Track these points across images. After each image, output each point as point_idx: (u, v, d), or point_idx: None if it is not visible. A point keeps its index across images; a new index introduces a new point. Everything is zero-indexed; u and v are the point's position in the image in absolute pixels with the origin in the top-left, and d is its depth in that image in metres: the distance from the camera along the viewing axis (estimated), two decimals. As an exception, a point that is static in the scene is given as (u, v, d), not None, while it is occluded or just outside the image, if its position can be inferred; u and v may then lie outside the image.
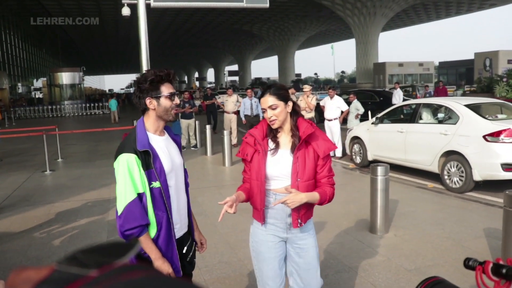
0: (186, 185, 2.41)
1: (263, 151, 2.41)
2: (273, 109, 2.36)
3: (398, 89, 17.02)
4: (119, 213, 2.06)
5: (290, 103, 2.39)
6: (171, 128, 2.42)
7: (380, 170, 4.95)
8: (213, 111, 15.93)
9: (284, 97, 2.37)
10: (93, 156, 11.73)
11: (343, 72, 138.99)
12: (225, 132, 9.84)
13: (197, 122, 12.92)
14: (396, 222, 5.44)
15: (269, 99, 2.37)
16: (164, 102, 2.18)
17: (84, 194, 7.36)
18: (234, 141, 12.14)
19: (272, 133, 2.44)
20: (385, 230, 5.00)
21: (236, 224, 5.57)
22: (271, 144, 2.43)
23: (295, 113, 2.43)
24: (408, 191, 6.99)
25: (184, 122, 12.33)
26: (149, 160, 2.10)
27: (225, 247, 4.84)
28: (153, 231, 2.14)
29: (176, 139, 2.38)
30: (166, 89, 2.18)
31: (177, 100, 2.23)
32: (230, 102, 12.36)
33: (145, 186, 2.09)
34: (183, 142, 12.40)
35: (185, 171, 2.45)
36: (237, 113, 12.31)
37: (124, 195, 2.07)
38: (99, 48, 67.08)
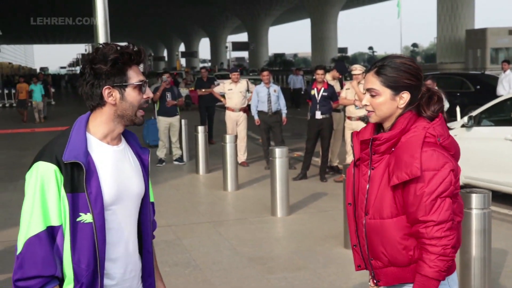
0: (149, 226, 2.44)
1: (356, 158, 2.63)
2: (372, 96, 2.49)
3: (509, 72, 16.96)
4: (17, 252, 2.10)
5: (407, 95, 2.45)
6: (136, 136, 2.49)
7: (475, 200, 4.96)
8: (210, 106, 16.08)
9: (396, 83, 2.44)
10: (14, 172, 11.91)
11: (415, 45, 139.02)
12: (228, 138, 9.94)
13: (183, 121, 13.08)
14: None
15: (371, 79, 2.50)
16: (132, 94, 2.24)
17: None
18: (243, 157, 12.05)
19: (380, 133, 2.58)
20: (483, 295, 5.00)
21: (244, 280, 5.63)
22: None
23: (418, 109, 2.48)
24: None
25: (163, 122, 12.49)
26: (79, 178, 2.12)
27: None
28: None
29: (141, 153, 2.43)
30: (135, 75, 2.25)
31: (149, 93, 2.31)
32: (235, 92, 12.26)
33: (63, 217, 2.11)
34: (162, 153, 12.53)
35: (152, 205, 2.51)
36: (246, 109, 12.35)
37: (27, 226, 2.09)
38: (25, 2, 68.03)
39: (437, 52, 49.72)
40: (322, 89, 10.34)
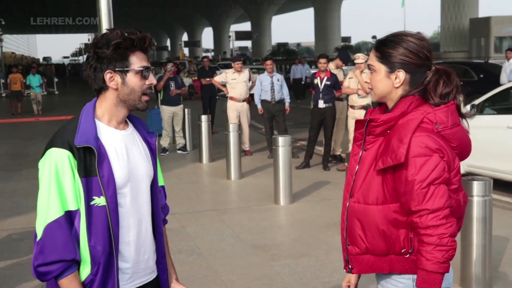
0: (159, 209, 2.49)
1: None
2: (371, 72, 2.44)
3: None
4: (37, 238, 2.15)
5: (402, 74, 2.32)
6: (143, 121, 2.52)
7: (477, 187, 4.98)
8: (213, 95, 16.10)
9: (391, 60, 2.33)
10: (19, 162, 12.03)
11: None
12: (231, 127, 9.98)
13: (186, 111, 13.12)
14: (504, 275, 5.47)
15: (371, 55, 2.43)
16: (133, 79, 2.27)
17: (4, 222, 7.58)
18: (246, 145, 12.11)
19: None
20: (485, 286, 5.04)
21: (248, 267, 5.69)
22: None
23: (425, 95, 2.32)
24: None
25: (166, 111, 12.53)
26: (91, 163, 2.16)
27: (231, 302, 4.96)
28: (85, 271, 2.20)
29: (148, 137, 2.47)
30: (137, 61, 2.27)
31: (152, 79, 2.33)
32: (239, 82, 12.13)
33: (79, 201, 2.16)
34: (166, 142, 12.59)
35: (162, 188, 2.58)
36: (249, 100, 12.31)
37: (45, 212, 2.14)
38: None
39: (441, 41, 49.53)
40: (325, 78, 10.36)
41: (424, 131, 2.23)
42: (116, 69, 2.25)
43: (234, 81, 12.09)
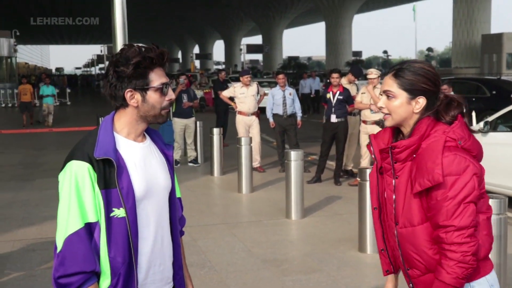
0: (176, 221, 2.51)
1: (379, 166, 2.62)
2: (388, 98, 2.50)
3: None
4: (58, 250, 2.17)
5: (423, 100, 2.44)
6: (159, 133, 2.55)
7: (491, 205, 4.96)
8: (228, 108, 16.14)
9: (412, 87, 2.44)
10: (31, 172, 12.07)
11: (430, 50, 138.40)
12: (243, 140, 9.99)
13: (198, 123, 13.15)
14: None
15: (388, 82, 2.50)
16: (153, 96, 2.29)
17: (16, 232, 7.56)
18: (257, 162, 11.83)
19: (399, 138, 2.59)
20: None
21: (259, 282, 5.68)
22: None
23: (437, 115, 2.46)
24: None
25: (178, 123, 12.58)
26: (111, 175, 2.19)
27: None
28: (105, 283, 2.21)
29: (165, 149, 2.50)
30: (157, 78, 2.29)
31: (171, 94, 2.36)
32: (248, 96, 11.98)
33: (100, 213, 2.19)
34: (177, 155, 12.64)
35: (179, 200, 2.60)
36: (258, 113, 12.22)
37: (65, 224, 2.16)
38: (42, 2, 68.66)
39: (452, 56, 49.55)
40: (338, 92, 10.36)
41: (451, 150, 2.34)
42: (136, 87, 2.27)
43: (242, 95, 11.95)
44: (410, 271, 2.53)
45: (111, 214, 2.20)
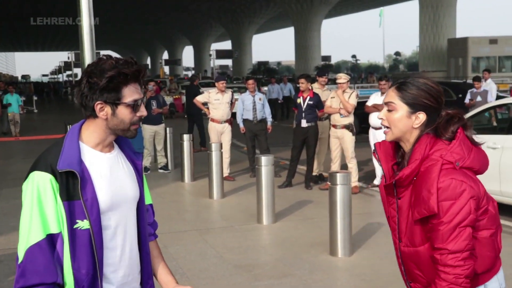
0: (145, 229, 2.49)
1: (387, 178, 2.63)
2: (389, 110, 2.54)
3: (490, 81, 17.14)
4: (19, 261, 2.14)
5: (423, 116, 2.46)
6: (129, 141, 2.52)
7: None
8: (197, 114, 16.18)
9: (414, 101, 2.47)
10: None
11: (397, 54, 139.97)
12: (213, 146, 9.98)
13: (168, 130, 13.09)
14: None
15: (391, 94, 2.54)
16: (123, 111, 2.28)
17: (-12, 240, 7.46)
18: (227, 171, 11.60)
19: (400, 152, 2.63)
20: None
21: (231, 287, 5.65)
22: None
23: (436, 132, 2.48)
24: (508, 245, 7.03)
25: (148, 130, 12.51)
26: (74, 187, 2.17)
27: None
28: None
29: (134, 158, 2.48)
30: (130, 94, 2.27)
31: (143, 111, 2.34)
32: (222, 103, 11.77)
33: (62, 225, 2.17)
34: (147, 161, 12.58)
35: (150, 206, 2.60)
36: (231, 121, 12.04)
37: (27, 235, 2.14)
38: (7, 7, 67.61)
39: (420, 60, 50.22)
40: (308, 97, 10.43)
41: (447, 175, 2.37)
42: (107, 100, 2.25)
43: (217, 102, 11.74)
44: (413, 284, 2.62)
45: (75, 226, 2.18)
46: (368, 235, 7.34)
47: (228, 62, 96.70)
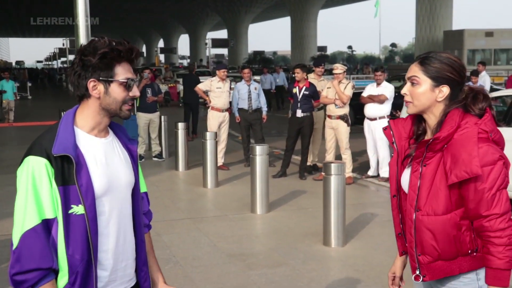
0: (140, 217, 2.48)
1: (401, 155, 2.68)
2: (412, 84, 2.56)
3: (484, 74, 17.16)
4: (14, 247, 2.14)
5: (446, 89, 2.51)
6: (124, 128, 2.52)
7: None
8: (195, 103, 16.23)
9: (437, 75, 2.50)
10: (-6, 167, 11.83)
11: (393, 45, 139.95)
12: (208, 135, 9.97)
13: (163, 118, 13.09)
14: None
15: (414, 69, 2.57)
16: (116, 90, 2.28)
17: (-19, 226, 7.44)
18: (221, 160, 11.51)
19: (421, 128, 2.66)
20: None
21: (224, 276, 5.69)
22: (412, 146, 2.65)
23: (463, 106, 2.51)
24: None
25: (143, 118, 12.49)
26: (69, 172, 2.16)
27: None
28: (62, 280, 2.19)
29: (129, 144, 2.47)
30: (123, 72, 2.28)
31: (136, 91, 2.34)
32: (223, 91, 11.57)
33: (57, 210, 2.16)
34: (141, 149, 12.58)
35: (145, 195, 2.60)
36: (230, 110, 11.97)
37: (22, 220, 2.13)
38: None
39: (415, 52, 50.24)
40: (304, 87, 10.42)
41: (484, 141, 2.42)
42: (100, 78, 2.25)
43: (219, 90, 11.60)
44: (421, 257, 2.59)
45: (70, 211, 2.17)
46: (362, 225, 7.36)
47: (224, 51, 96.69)
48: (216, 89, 11.62)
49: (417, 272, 2.62)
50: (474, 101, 2.52)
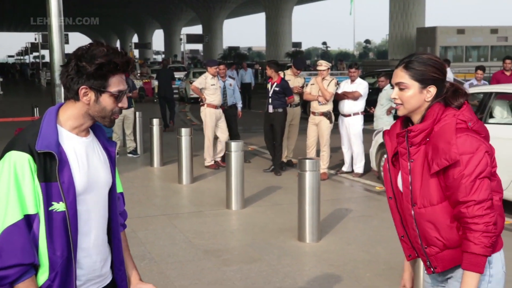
0: (117, 216, 2.50)
1: (390, 155, 2.78)
2: (401, 89, 2.65)
3: (448, 70, 17.23)
4: None
5: (433, 89, 2.61)
6: (103, 129, 2.53)
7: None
8: (170, 97, 16.23)
9: (423, 77, 2.60)
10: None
11: (367, 41, 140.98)
12: (183, 131, 9.92)
13: (138, 114, 13.03)
14: None
15: (400, 74, 2.66)
16: (107, 100, 2.29)
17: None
18: (218, 158, 11.38)
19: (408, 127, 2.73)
20: None
21: (200, 273, 5.69)
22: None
23: (443, 99, 2.63)
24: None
25: (117, 114, 12.32)
26: (52, 169, 2.17)
27: (183, 308, 4.95)
28: (42, 277, 2.19)
29: (108, 145, 2.49)
30: (116, 84, 2.29)
31: (125, 102, 2.36)
32: (217, 88, 11.28)
33: (39, 206, 2.15)
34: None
35: (121, 195, 2.61)
36: (224, 107, 11.62)
37: (3, 215, 2.11)
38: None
39: (389, 49, 50.62)
40: (275, 84, 10.49)
41: (463, 131, 2.53)
42: (93, 87, 2.26)
43: (213, 87, 11.27)
44: (428, 249, 2.65)
45: (50, 208, 2.17)
46: (336, 221, 7.42)
47: (199, 46, 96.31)
48: (210, 86, 11.24)
49: (428, 264, 2.69)
50: (454, 95, 2.63)
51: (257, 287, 5.34)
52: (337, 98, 10.43)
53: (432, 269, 2.68)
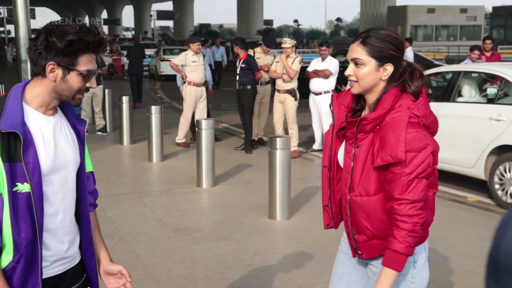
0: (85, 196, 2.45)
1: (336, 126, 2.69)
2: (356, 65, 2.52)
3: (409, 49, 17.35)
4: None
5: (390, 67, 2.50)
6: (72, 107, 2.48)
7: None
8: (140, 74, 16.18)
9: (381, 54, 2.48)
10: None
11: (339, 20, 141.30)
12: (153, 108, 9.85)
13: (107, 91, 12.86)
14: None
15: (356, 49, 2.52)
16: (74, 79, 2.24)
17: None
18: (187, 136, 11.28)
19: (359, 104, 2.65)
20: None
21: (170, 251, 5.68)
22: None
23: (403, 85, 2.53)
24: (438, 207, 7.28)
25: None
26: (16, 149, 2.12)
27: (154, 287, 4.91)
28: (6, 258, 2.17)
29: (76, 124, 2.44)
30: (85, 63, 2.24)
31: (93, 83, 2.31)
32: (199, 65, 10.99)
33: (3, 187, 2.13)
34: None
35: (91, 174, 2.55)
36: (207, 84, 11.50)
37: None
38: None
39: (360, 27, 50.81)
40: (241, 60, 10.49)
41: (414, 127, 2.44)
42: (61, 63, 2.20)
43: (194, 64, 10.97)
44: (357, 236, 2.64)
45: (14, 189, 2.13)
46: (307, 199, 7.46)
47: (169, 23, 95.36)
48: (191, 63, 10.97)
49: (354, 249, 2.69)
50: (411, 77, 2.53)
51: (227, 265, 5.35)
52: (308, 76, 10.43)
53: (357, 254, 2.69)
